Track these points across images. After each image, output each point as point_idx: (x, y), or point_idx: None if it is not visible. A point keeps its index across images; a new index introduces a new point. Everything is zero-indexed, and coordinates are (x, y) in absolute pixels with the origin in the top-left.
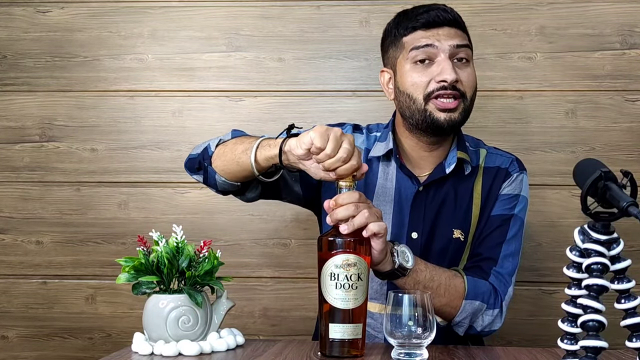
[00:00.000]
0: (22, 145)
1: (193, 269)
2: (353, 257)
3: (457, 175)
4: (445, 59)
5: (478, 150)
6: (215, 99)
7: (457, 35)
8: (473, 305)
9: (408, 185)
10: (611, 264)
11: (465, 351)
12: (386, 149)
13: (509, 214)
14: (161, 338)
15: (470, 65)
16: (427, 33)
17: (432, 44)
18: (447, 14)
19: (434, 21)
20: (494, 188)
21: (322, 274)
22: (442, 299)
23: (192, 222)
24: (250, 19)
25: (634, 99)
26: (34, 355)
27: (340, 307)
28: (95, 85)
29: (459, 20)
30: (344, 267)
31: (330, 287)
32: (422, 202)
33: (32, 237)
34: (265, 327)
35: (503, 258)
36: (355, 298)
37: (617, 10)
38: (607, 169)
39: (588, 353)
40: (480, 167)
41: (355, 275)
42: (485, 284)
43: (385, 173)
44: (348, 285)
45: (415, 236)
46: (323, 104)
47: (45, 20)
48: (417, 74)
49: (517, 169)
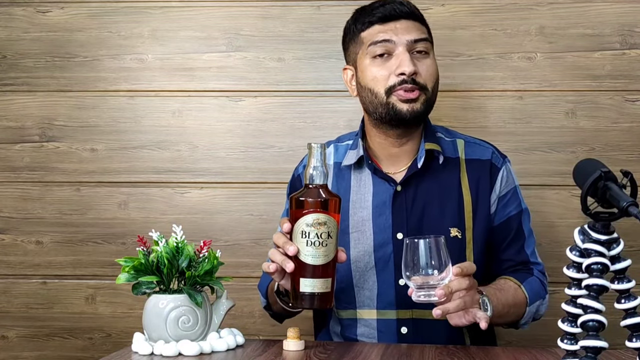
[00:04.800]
0: (22, 145)
1: (193, 269)
2: (323, 217)
3: (434, 168)
4: (403, 51)
5: (455, 141)
6: (215, 99)
7: (415, 29)
8: (534, 306)
9: (384, 188)
10: (611, 264)
11: (465, 351)
12: (357, 156)
13: (517, 212)
14: (161, 338)
15: (430, 57)
16: (384, 27)
17: (389, 39)
18: (404, 7)
19: (390, 15)
20: (482, 183)
21: (294, 231)
22: (512, 316)
23: (192, 222)
24: (250, 19)
25: (634, 99)
26: (34, 355)
27: (310, 263)
28: (95, 85)
29: (417, 13)
30: (315, 225)
31: (302, 244)
32: (402, 202)
33: (32, 237)
34: (265, 327)
35: (531, 254)
36: (325, 255)
37: (617, 10)
38: (607, 169)
39: (588, 353)
40: (461, 159)
41: (326, 234)
42: (535, 280)
43: (359, 180)
44: (318, 242)
45: (400, 236)
46: (323, 104)
47: (45, 20)
48: (376, 68)
49: (501, 161)
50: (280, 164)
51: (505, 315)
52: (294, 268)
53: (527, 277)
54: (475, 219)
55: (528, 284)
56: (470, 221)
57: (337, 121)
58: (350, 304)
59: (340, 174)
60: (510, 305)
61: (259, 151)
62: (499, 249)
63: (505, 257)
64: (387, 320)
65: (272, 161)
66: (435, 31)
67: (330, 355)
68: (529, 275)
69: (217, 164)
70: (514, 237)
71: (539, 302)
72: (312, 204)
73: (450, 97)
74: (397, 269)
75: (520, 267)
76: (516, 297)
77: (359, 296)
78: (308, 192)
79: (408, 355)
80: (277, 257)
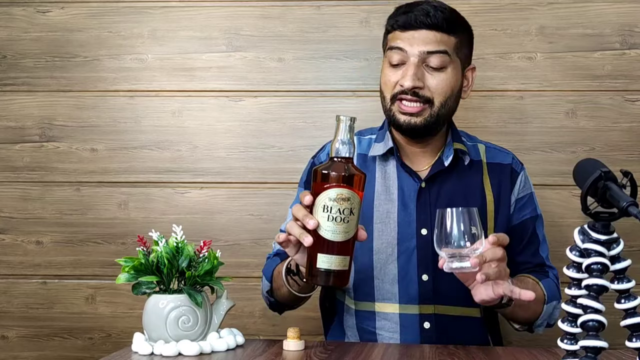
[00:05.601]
0: (22, 145)
1: (193, 269)
2: (347, 192)
3: (459, 168)
4: (412, 64)
5: (476, 145)
6: (215, 99)
7: (433, 41)
8: (551, 305)
9: (410, 182)
10: (611, 264)
11: (465, 351)
12: (386, 147)
13: (532, 216)
14: (161, 338)
15: (444, 71)
16: (402, 35)
17: (402, 48)
18: (427, 18)
19: (410, 24)
20: (503, 186)
21: (315, 205)
22: (530, 312)
23: (192, 222)
24: (250, 19)
25: (634, 99)
26: (34, 355)
27: (330, 238)
28: (95, 85)
29: (440, 25)
30: (338, 200)
31: (323, 218)
32: (427, 198)
33: (32, 237)
34: (265, 327)
35: (546, 257)
36: (346, 231)
37: (617, 10)
38: (607, 169)
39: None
40: (483, 162)
41: (348, 210)
42: (551, 282)
43: (384, 172)
44: (340, 218)
45: (424, 232)
46: (323, 104)
47: (45, 20)
48: (389, 73)
49: (520, 166)
50: (280, 164)
51: (525, 308)
52: (312, 243)
53: (543, 277)
54: (497, 220)
55: (545, 283)
56: (492, 222)
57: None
58: (369, 295)
59: (364, 165)
60: None
61: (259, 151)
62: (515, 251)
63: (522, 260)
64: (409, 315)
65: (272, 161)
66: None
67: (330, 355)
68: (545, 276)
69: (217, 164)
70: (529, 240)
71: (554, 302)
72: (337, 178)
73: None
74: (420, 264)
75: (537, 269)
76: (535, 291)
77: (379, 288)
78: (333, 165)
79: (408, 355)
80: (295, 230)
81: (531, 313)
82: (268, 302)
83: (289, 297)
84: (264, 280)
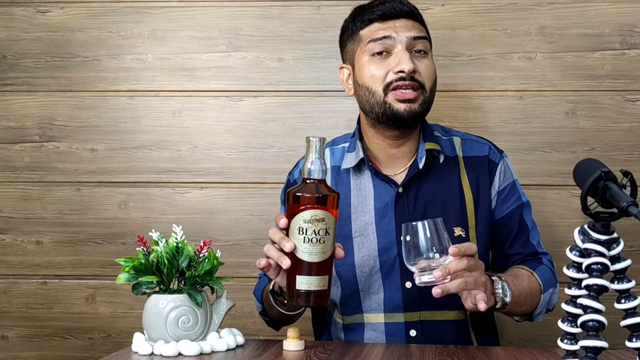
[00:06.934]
0: (22, 145)
1: (193, 269)
2: (321, 213)
3: (434, 168)
4: (403, 50)
5: (451, 139)
6: (215, 99)
7: (414, 27)
8: (548, 294)
9: (386, 190)
10: (611, 264)
11: (465, 351)
12: (357, 158)
13: (517, 205)
14: (161, 338)
15: (428, 57)
16: (383, 25)
17: (389, 36)
18: (404, 5)
19: (390, 13)
20: (481, 180)
21: (291, 227)
22: (527, 305)
23: (192, 222)
24: (250, 19)
25: (634, 99)
26: (34, 355)
27: (307, 260)
28: (95, 85)
29: (416, 12)
30: (312, 222)
31: (299, 241)
32: (404, 203)
33: (32, 237)
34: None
35: (537, 244)
36: (322, 252)
37: (617, 10)
38: (607, 169)
39: (588, 353)
40: (459, 157)
41: (323, 230)
42: (546, 268)
43: (358, 184)
44: (316, 239)
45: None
46: (323, 104)
47: (45, 20)
48: (375, 66)
49: (499, 156)
50: (280, 164)
51: (522, 304)
52: (290, 265)
53: (537, 265)
54: (478, 217)
55: (540, 272)
56: (473, 219)
57: (337, 121)
58: (357, 309)
59: (339, 177)
60: (526, 293)
61: (259, 151)
62: (505, 245)
63: (513, 252)
64: (395, 323)
65: (272, 161)
66: (435, 31)
67: (330, 355)
68: (539, 264)
69: (217, 164)
70: (517, 231)
71: (551, 290)
72: (310, 199)
73: (450, 97)
74: (403, 272)
75: (529, 258)
76: (531, 284)
77: (366, 301)
78: (306, 187)
79: (408, 355)
80: (273, 252)
81: (528, 306)
82: (264, 321)
83: (280, 315)
84: (256, 301)
